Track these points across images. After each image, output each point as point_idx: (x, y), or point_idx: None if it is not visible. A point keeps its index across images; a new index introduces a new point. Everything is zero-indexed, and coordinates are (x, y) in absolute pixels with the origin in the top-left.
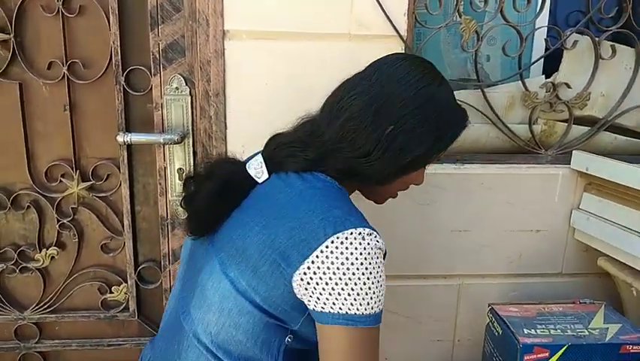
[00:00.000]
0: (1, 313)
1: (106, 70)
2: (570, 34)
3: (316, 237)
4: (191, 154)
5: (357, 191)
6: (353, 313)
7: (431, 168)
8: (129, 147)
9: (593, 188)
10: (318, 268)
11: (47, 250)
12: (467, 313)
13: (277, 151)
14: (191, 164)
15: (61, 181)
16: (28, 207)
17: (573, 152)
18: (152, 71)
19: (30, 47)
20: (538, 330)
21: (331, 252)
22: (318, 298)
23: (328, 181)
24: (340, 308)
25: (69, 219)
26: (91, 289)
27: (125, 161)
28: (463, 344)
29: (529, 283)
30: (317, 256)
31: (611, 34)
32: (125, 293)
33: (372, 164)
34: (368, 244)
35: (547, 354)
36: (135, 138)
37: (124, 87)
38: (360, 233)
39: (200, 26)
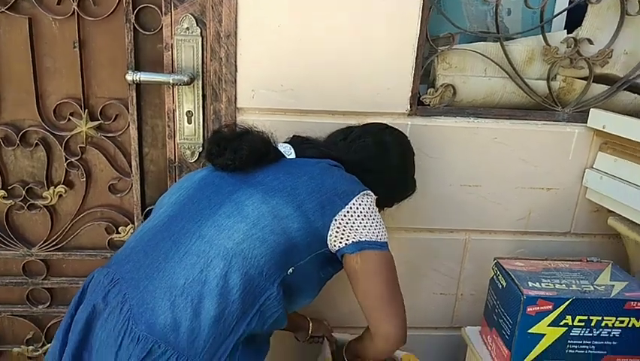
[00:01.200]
0: (9, 248)
1: (116, 7)
2: None
3: (352, 191)
4: (201, 97)
5: None
6: (380, 240)
7: (444, 121)
8: (138, 87)
9: (609, 147)
10: (356, 210)
11: (55, 188)
12: (472, 268)
13: (305, 144)
14: (201, 107)
15: (69, 120)
16: (37, 144)
17: (590, 110)
18: (163, 9)
19: None
20: (543, 283)
21: (362, 201)
22: (356, 231)
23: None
24: (371, 237)
25: (77, 158)
26: (98, 228)
27: (134, 101)
28: (466, 299)
29: (537, 242)
30: (354, 203)
31: None
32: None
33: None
34: (373, 199)
35: (550, 307)
36: (144, 77)
37: (134, 26)
38: (369, 193)
39: None
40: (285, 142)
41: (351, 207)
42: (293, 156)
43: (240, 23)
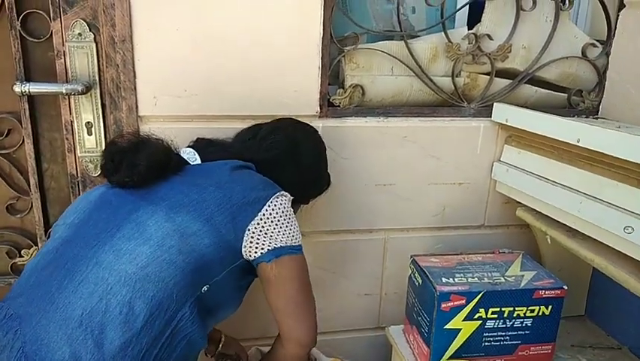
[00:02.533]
0: None
1: None
2: None
3: (265, 196)
4: (100, 106)
5: None
6: (297, 244)
7: (354, 122)
8: (31, 98)
9: (513, 140)
10: (269, 216)
11: None
12: (393, 267)
13: (210, 148)
14: (101, 117)
15: None
16: None
17: (494, 104)
18: (52, 15)
19: None
20: (456, 279)
21: (275, 205)
22: (271, 238)
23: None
24: (288, 241)
25: None
26: None
27: (27, 114)
28: (390, 298)
29: (453, 236)
30: (266, 209)
31: None
32: None
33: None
34: (289, 199)
35: (463, 301)
36: (34, 88)
37: (20, 33)
38: (283, 193)
39: None
40: (189, 146)
41: (264, 214)
42: (198, 161)
43: (135, 27)
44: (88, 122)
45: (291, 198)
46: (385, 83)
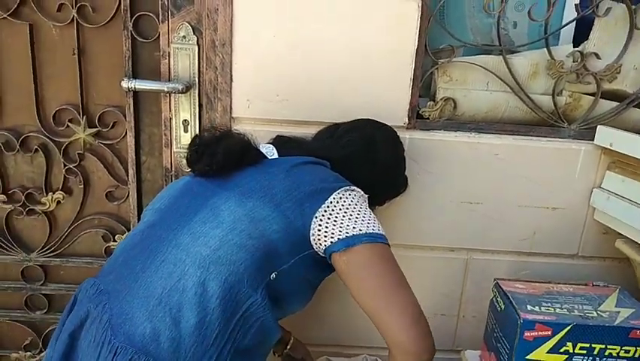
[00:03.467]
0: (9, 253)
1: (114, 15)
2: (603, 0)
3: (333, 187)
4: (197, 106)
5: None
6: (371, 231)
7: (444, 136)
8: (136, 95)
9: (617, 166)
10: (337, 204)
11: (54, 193)
12: (474, 289)
13: (288, 144)
14: (197, 116)
15: (68, 126)
16: (36, 150)
17: (598, 127)
18: (160, 18)
19: None
20: (542, 308)
21: (346, 196)
22: (341, 226)
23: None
24: (363, 229)
25: (75, 164)
26: (95, 236)
27: (132, 109)
28: (468, 321)
29: (543, 263)
30: (334, 198)
31: None
32: None
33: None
34: (362, 195)
35: (549, 332)
36: (139, 84)
37: (132, 33)
38: (354, 188)
39: None
40: (269, 142)
41: (331, 202)
42: (275, 156)
43: (235, 32)
44: (185, 120)
45: (365, 195)
46: (479, 97)
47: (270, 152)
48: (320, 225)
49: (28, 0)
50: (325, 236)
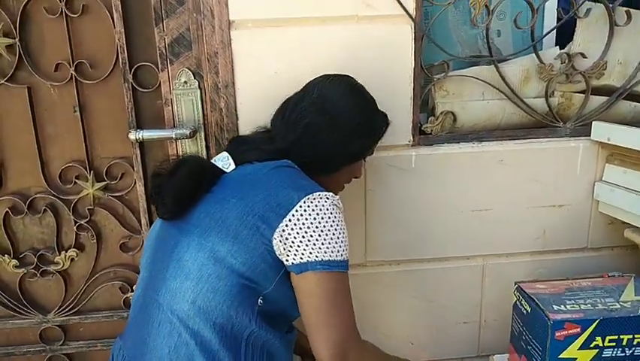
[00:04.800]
0: (25, 317)
1: (113, 68)
2: (582, 3)
3: (291, 200)
4: (204, 148)
5: None
6: (327, 258)
7: (448, 149)
8: (141, 144)
9: (616, 159)
10: (295, 224)
11: (66, 252)
12: (493, 293)
13: (243, 147)
14: (205, 158)
15: (75, 183)
16: (45, 210)
17: (593, 123)
18: (160, 66)
19: (36, 50)
20: (567, 306)
21: (304, 210)
22: (297, 250)
23: (292, 165)
24: (317, 256)
25: (86, 220)
26: (112, 288)
27: (139, 159)
28: (490, 325)
29: (555, 260)
30: (292, 215)
31: (624, 0)
32: None
33: (326, 158)
34: (332, 203)
35: (578, 329)
36: (147, 134)
37: (132, 85)
38: (325, 195)
39: (205, 18)
40: (227, 147)
41: (290, 220)
42: (232, 166)
43: (236, 73)
44: None
45: (334, 197)
46: (477, 108)
47: (226, 163)
48: (278, 244)
49: (24, 63)
50: (287, 256)
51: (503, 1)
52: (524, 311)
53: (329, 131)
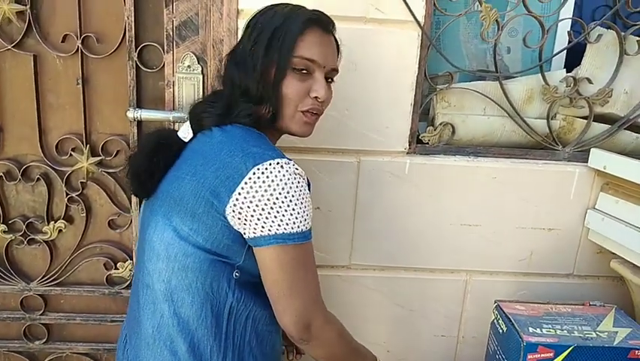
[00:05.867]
0: (8, 283)
1: (119, 45)
2: (594, 27)
3: (239, 171)
4: None
5: None
6: (282, 232)
7: (443, 160)
8: (139, 123)
9: (611, 188)
10: (245, 197)
11: (55, 222)
12: (473, 310)
13: (195, 112)
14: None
15: (71, 155)
16: (38, 179)
17: (591, 150)
18: (165, 48)
19: (45, 20)
20: (543, 329)
21: (254, 182)
22: (250, 224)
23: (246, 128)
24: (269, 230)
25: (78, 193)
26: (97, 264)
27: (135, 137)
28: (468, 342)
29: (539, 283)
30: (242, 188)
31: (637, 30)
32: (130, 270)
33: (256, 93)
34: (287, 171)
35: (551, 354)
36: (145, 114)
37: (136, 63)
38: (278, 163)
39: (214, 4)
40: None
41: (240, 193)
42: (190, 135)
43: None
44: None
45: (288, 163)
46: (477, 122)
47: (186, 132)
48: (233, 219)
49: (32, 31)
50: (243, 229)
51: (514, 18)
52: (500, 330)
53: (246, 68)
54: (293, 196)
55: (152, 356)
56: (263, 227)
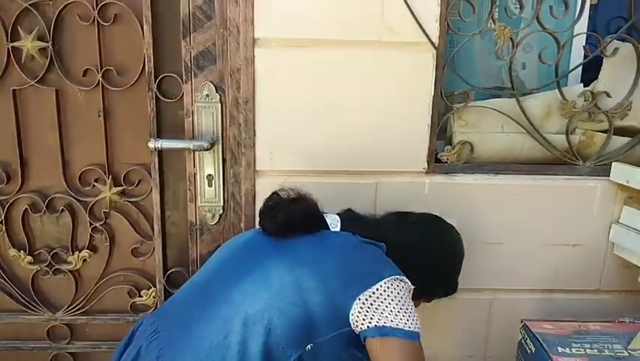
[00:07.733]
0: (34, 313)
1: (139, 77)
2: (610, 41)
3: (382, 272)
4: (221, 161)
5: None
6: (408, 329)
7: (463, 179)
8: (160, 152)
9: (635, 201)
10: (381, 294)
11: (80, 252)
12: (499, 329)
13: (353, 219)
14: (221, 170)
15: (94, 186)
16: (62, 210)
17: (613, 163)
18: (184, 78)
19: (67, 55)
20: (573, 349)
21: (391, 284)
22: (380, 315)
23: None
24: (397, 324)
25: (101, 223)
26: (121, 292)
27: (156, 167)
28: None
29: (566, 300)
30: (380, 285)
31: None
32: (154, 297)
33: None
34: (409, 287)
35: None
36: (166, 144)
37: (156, 94)
38: (404, 279)
39: (230, 34)
40: (339, 213)
41: (377, 289)
42: (337, 228)
43: (257, 89)
44: (209, 175)
45: (412, 287)
46: (495, 140)
47: (334, 223)
48: (362, 307)
49: (54, 67)
50: (364, 319)
51: (529, 34)
52: (528, 351)
53: (419, 261)
54: (411, 304)
55: None
56: (393, 320)
